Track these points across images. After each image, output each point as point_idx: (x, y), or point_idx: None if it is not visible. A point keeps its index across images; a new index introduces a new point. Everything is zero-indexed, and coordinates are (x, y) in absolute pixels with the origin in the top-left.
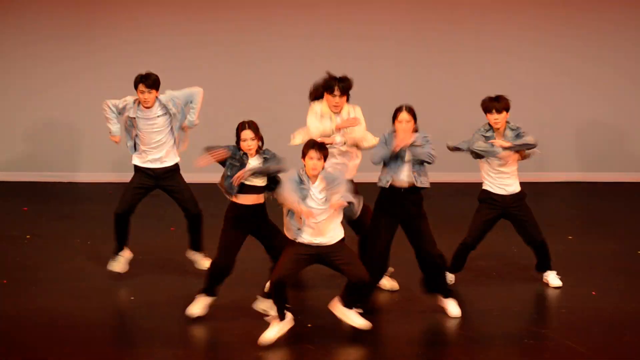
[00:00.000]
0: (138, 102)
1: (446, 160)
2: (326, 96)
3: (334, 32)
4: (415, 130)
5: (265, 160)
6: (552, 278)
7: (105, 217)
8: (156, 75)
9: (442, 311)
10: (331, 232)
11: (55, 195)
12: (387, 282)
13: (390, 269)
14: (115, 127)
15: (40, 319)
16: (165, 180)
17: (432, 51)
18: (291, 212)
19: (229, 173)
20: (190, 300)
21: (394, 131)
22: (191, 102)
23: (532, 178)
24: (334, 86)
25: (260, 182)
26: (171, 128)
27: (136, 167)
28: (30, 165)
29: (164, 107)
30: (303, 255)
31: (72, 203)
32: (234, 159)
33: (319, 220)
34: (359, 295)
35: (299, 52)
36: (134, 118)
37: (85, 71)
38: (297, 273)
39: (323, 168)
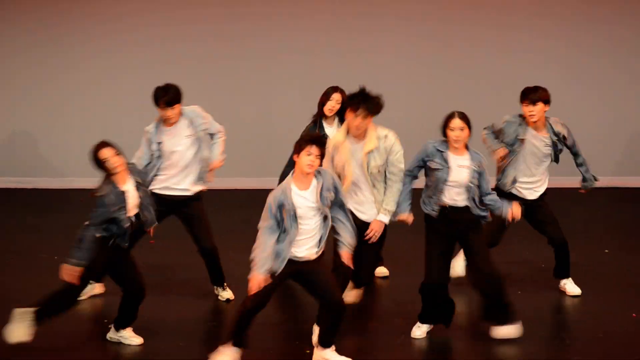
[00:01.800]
0: (159, 121)
1: None
2: (348, 114)
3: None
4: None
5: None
6: (571, 286)
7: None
8: (176, 87)
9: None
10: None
11: (17, 204)
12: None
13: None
14: None
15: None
16: (182, 207)
17: (443, 47)
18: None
19: None
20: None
21: (444, 140)
22: (213, 136)
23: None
24: (358, 105)
25: None
26: (197, 151)
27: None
28: None
29: (191, 123)
30: (280, 275)
31: (36, 212)
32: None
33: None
34: (335, 326)
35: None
36: (161, 143)
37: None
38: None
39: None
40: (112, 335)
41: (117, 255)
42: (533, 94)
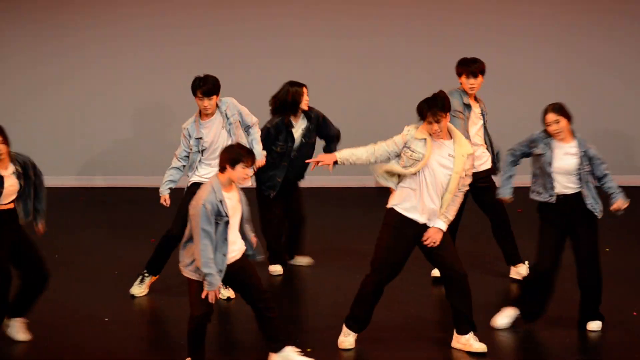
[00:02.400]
0: (197, 116)
1: None
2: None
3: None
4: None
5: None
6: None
7: (72, 226)
8: (215, 78)
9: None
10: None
11: None
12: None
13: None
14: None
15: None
16: None
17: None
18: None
19: None
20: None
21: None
22: (249, 129)
23: None
24: (435, 111)
25: None
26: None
27: (194, 185)
28: None
29: (225, 115)
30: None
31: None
32: None
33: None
34: (276, 329)
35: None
36: (200, 138)
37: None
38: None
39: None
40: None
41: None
42: (473, 65)
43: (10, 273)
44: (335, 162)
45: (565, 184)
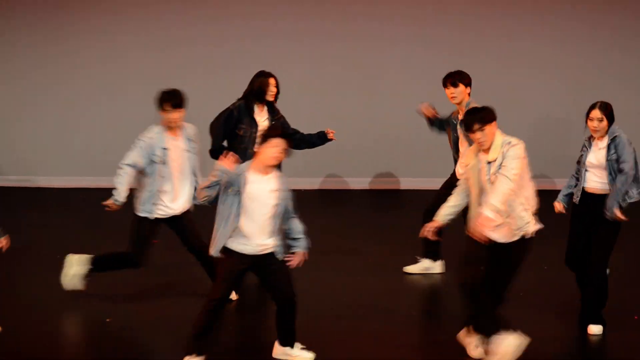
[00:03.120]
0: (162, 129)
1: None
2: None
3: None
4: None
5: None
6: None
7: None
8: (182, 92)
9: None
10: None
11: (22, 202)
12: None
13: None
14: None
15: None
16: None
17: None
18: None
19: None
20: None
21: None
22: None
23: None
24: (470, 124)
25: None
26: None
27: (145, 219)
28: None
29: (188, 141)
30: (238, 267)
31: (41, 211)
32: None
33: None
34: (291, 323)
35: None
36: (167, 149)
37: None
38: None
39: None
40: None
41: None
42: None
43: None
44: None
45: (594, 180)
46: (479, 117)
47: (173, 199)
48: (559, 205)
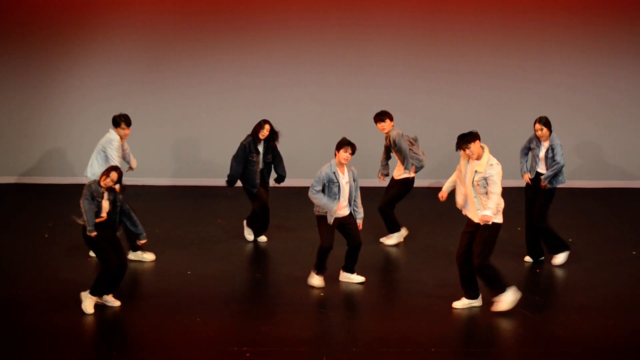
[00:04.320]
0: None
1: None
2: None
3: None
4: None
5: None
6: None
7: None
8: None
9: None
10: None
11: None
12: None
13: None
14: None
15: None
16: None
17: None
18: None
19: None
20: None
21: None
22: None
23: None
24: (460, 145)
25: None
26: None
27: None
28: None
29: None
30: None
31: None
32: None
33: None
34: (356, 258)
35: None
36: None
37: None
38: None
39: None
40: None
41: None
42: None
43: None
44: None
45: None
46: (466, 139)
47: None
48: (526, 176)
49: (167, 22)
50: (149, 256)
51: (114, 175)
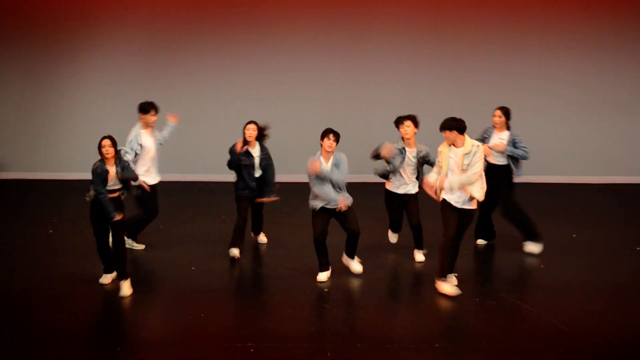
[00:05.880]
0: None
1: None
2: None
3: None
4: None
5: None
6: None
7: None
8: None
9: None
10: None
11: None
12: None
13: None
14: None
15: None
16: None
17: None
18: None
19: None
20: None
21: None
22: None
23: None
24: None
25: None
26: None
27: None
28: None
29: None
30: (326, 215)
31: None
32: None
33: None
34: (355, 245)
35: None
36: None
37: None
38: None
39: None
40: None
41: None
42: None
43: None
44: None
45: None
46: (448, 124)
47: None
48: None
49: (171, 18)
50: (139, 246)
51: (104, 142)
